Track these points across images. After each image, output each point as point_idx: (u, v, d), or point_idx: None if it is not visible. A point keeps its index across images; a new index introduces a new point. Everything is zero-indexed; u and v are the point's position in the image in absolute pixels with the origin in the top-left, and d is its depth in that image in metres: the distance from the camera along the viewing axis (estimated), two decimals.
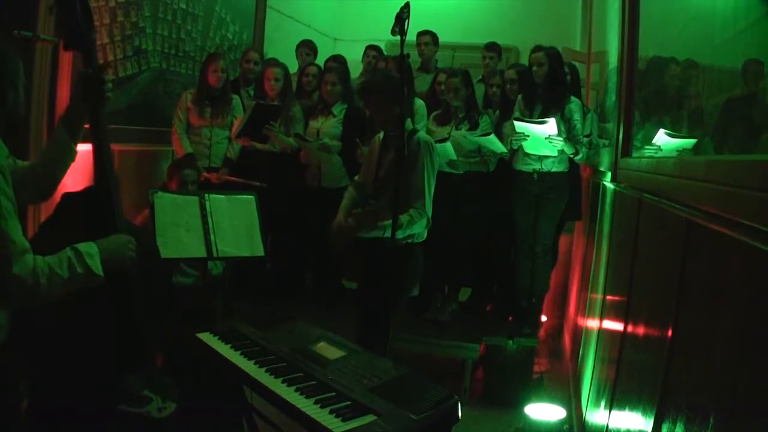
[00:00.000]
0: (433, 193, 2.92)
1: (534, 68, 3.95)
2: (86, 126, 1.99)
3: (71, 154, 1.98)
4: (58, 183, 2.00)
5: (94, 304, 1.92)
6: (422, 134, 2.95)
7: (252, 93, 4.64)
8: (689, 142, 2.02)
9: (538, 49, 4.00)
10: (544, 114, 3.92)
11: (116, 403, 1.89)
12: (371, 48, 5.28)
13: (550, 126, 3.78)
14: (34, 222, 3.02)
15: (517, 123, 3.86)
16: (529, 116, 3.96)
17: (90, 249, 1.75)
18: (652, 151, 2.31)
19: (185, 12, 4.67)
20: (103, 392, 1.90)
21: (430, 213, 2.85)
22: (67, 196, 2.02)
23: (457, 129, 4.19)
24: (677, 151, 2.07)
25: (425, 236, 2.94)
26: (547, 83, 3.96)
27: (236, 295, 4.00)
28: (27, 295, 1.61)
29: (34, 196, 2.08)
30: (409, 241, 2.86)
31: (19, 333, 1.82)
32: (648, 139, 2.49)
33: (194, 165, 3.92)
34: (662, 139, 2.25)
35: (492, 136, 3.99)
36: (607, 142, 3.71)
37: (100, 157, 1.97)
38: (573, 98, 4.04)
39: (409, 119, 2.94)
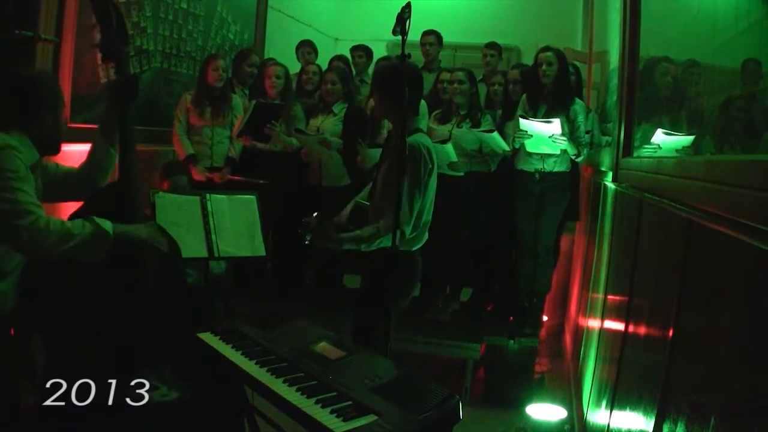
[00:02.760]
0: (433, 196, 2.72)
1: (543, 67, 3.94)
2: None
3: (112, 159, 2.22)
4: (100, 185, 2.25)
5: (104, 296, 1.96)
6: (414, 137, 2.61)
7: (247, 92, 4.64)
8: (688, 140, 2.02)
9: (546, 48, 4.00)
10: (549, 115, 3.93)
11: (123, 393, 1.92)
12: (357, 48, 5.28)
13: (555, 126, 3.79)
14: None
15: (521, 120, 3.87)
16: (533, 116, 3.97)
17: (105, 221, 1.96)
18: (651, 150, 2.31)
19: (186, 12, 4.68)
20: (113, 388, 1.92)
21: (408, 228, 2.56)
22: (93, 193, 2.18)
23: (458, 127, 4.19)
24: (676, 150, 2.07)
25: (423, 241, 2.74)
26: (553, 84, 3.96)
27: (236, 295, 4.00)
28: (37, 235, 1.84)
29: (74, 195, 2.29)
30: (406, 249, 2.61)
31: (29, 325, 1.90)
32: (647, 139, 2.49)
33: (184, 170, 3.93)
34: (660, 138, 2.25)
35: (495, 133, 4.00)
36: (610, 139, 3.71)
37: (126, 157, 2.13)
38: (577, 100, 4.05)
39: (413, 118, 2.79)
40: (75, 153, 2.35)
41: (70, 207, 2.23)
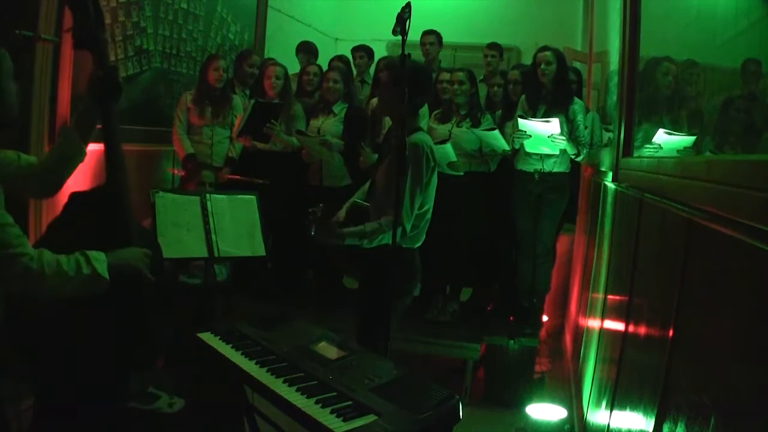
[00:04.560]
0: (434, 194, 2.74)
1: (542, 66, 3.95)
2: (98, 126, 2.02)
3: (80, 155, 2.01)
4: (64, 182, 2.03)
5: (101, 305, 1.94)
6: (416, 136, 2.65)
7: (247, 93, 4.65)
8: (689, 140, 2.02)
9: (545, 48, 4.01)
10: (548, 114, 3.93)
11: (126, 400, 1.90)
12: (358, 49, 5.28)
13: (554, 125, 3.79)
14: (35, 220, 3.02)
15: (520, 121, 3.87)
16: (532, 116, 3.97)
17: (99, 255, 1.78)
18: (653, 150, 2.31)
19: (186, 12, 4.67)
20: (112, 390, 1.91)
21: (408, 224, 2.60)
22: (76, 196, 2.03)
23: (458, 126, 4.19)
24: (678, 151, 2.07)
25: (421, 240, 2.76)
26: (552, 84, 3.96)
27: (236, 295, 4.00)
28: (32, 281, 1.63)
29: (39, 192, 2.11)
30: (404, 245, 2.63)
31: (25, 334, 1.86)
32: (648, 139, 2.49)
33: (212, 167, 3.96)
34: (662, 138, 2.25)
35: (496, 132, 4.00)
36: (612, 136, 3.71)
37: (111, 156, 1.99)
38: (576, 99, 4.05)
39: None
40: None
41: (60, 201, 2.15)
